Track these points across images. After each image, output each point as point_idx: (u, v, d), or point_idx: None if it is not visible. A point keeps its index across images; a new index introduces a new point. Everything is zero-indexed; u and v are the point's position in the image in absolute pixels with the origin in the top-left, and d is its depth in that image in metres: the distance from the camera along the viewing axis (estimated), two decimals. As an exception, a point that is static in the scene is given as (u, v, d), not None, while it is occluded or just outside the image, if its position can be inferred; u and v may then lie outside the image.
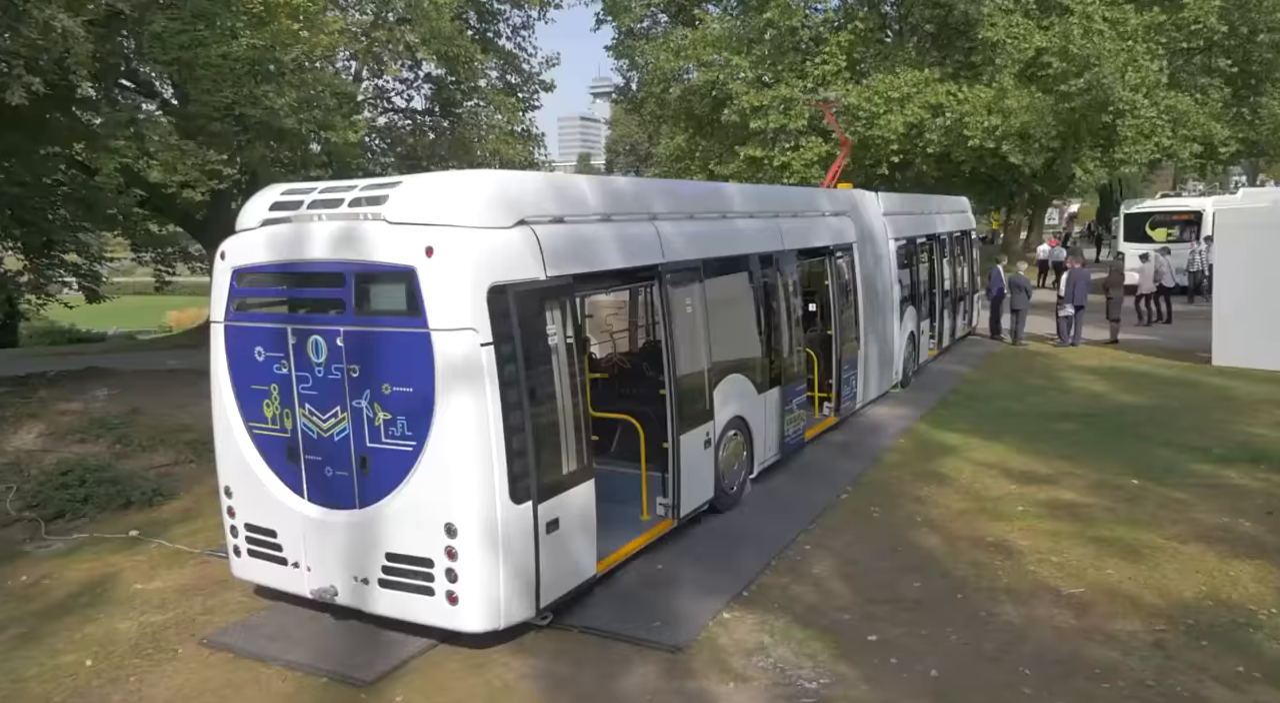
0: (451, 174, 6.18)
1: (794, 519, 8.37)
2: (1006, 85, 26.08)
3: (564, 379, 6.14)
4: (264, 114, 14.68)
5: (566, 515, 6.11)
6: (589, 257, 6.63)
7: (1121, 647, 5.84)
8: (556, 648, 6.10)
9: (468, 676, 5.76)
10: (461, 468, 5.55)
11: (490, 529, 5.61)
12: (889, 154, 27.73)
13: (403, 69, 22.84)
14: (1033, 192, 39.43)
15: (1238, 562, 7.09)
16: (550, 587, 6.03)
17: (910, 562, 7.36)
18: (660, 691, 5.53)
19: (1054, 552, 7.44)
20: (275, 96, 14.08)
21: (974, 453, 10.45)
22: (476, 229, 5.63)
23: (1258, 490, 8.80)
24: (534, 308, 5.93)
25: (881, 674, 5.64)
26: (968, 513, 8.44)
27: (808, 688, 5.50)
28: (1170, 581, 6.80)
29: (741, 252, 9.03)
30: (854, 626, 6.29)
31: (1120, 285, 18.89)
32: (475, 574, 5.63)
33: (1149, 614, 6.27)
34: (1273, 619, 6.12)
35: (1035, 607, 6.46)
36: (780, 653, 5.94)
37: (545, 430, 5.95)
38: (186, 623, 6.66)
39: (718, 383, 8.35)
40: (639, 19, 33.61)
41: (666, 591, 6.91)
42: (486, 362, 5.53)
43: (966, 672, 5.63)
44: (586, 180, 7.08)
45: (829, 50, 28.24)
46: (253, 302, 6.35)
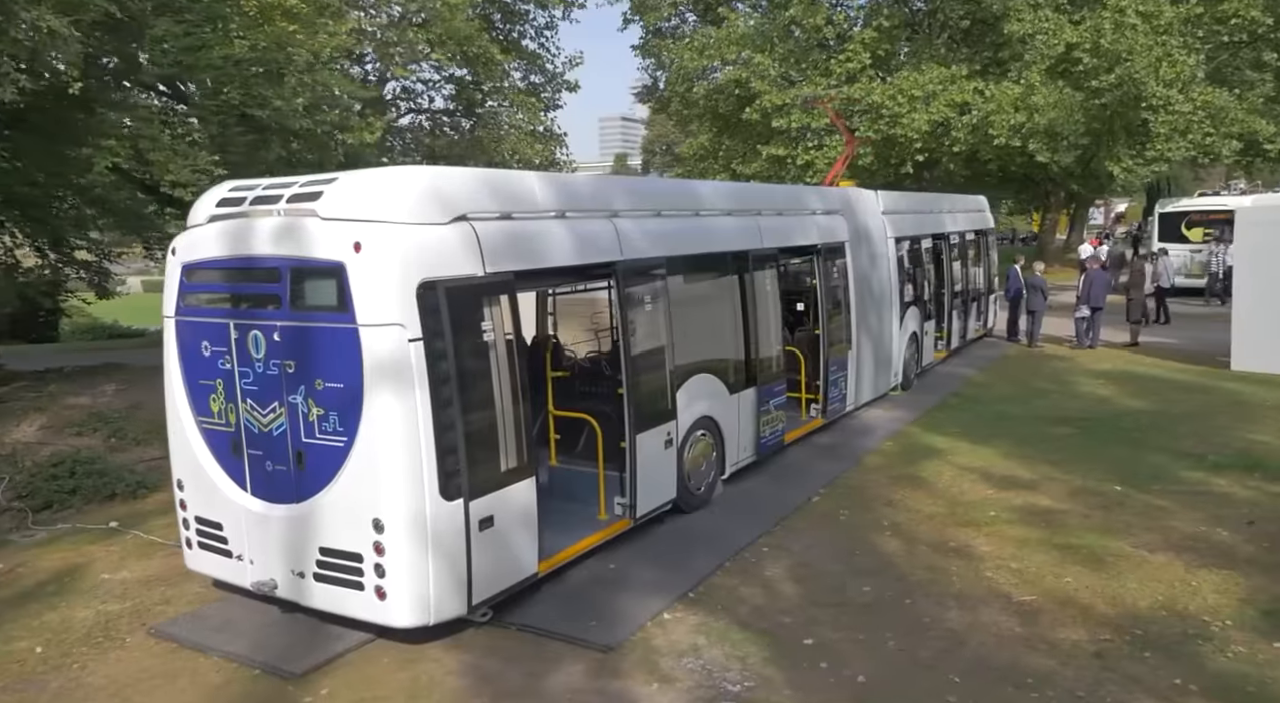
0: (386, 171, 6.21)
1: (758, 521, 8.29)
2: (1034, 82, 25.59)
3: (502, 376, 6.14)
4: (274, 115, 14.91)
5: (502, 513, 6.11)
6: (535, 254, 6.63)
7: (1061, 656, 5.69)
8: (491, 645, 6.11)
9: (398, 671, 5.79)
10: (389, 464, 5.58)
11: (418, 525, 5.63)
12: (913, 153, 27.37)
13: (420, 69, 23.02)
14: (1069, 191, 38.73)
15: (1204, 572, 6.87)
16: (484, 584, 6.04)
17: (866, 566, 7.25)
18: (583, 690, 5.51)
19: (1015, 558, 7.27)
20: (284, 98, 14.30)
21: (959, 456, 10.26)
22: (406, 225, 5.66)
23: (1244, 499, 8.52)
24: (470, 304, 5.94)
25: (808, 679, 5.56)
26: (937, 517, 8.29)
27: (730, 691, 5.44)
28: (1128, 590, 6.61)
29: (713, 250, 8.97)
30: (793, 629, 6.21)
31: (1141, 287, 18.42)
32: (403, 570, 5.65)
33: (1097, 624, 6.10)
34: (1225, 632, 5.92)
35: (982, 614, 6.32)
36: (712, 655, 5.88)
37: (479, 428, 5.96)
38: (141, 613, 6.79)
39: (683, 382, 8.31)
40: (666, 18, 33.61)
41: (613, 590, 6.88)
42: (415, 358, 5.56)
43: (895, 678, 5.53)
44: (539, 178, 7.07)
45: (853, 48, 27.96)
46: (200, 297, 6.45)
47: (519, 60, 27.40)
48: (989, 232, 19.20)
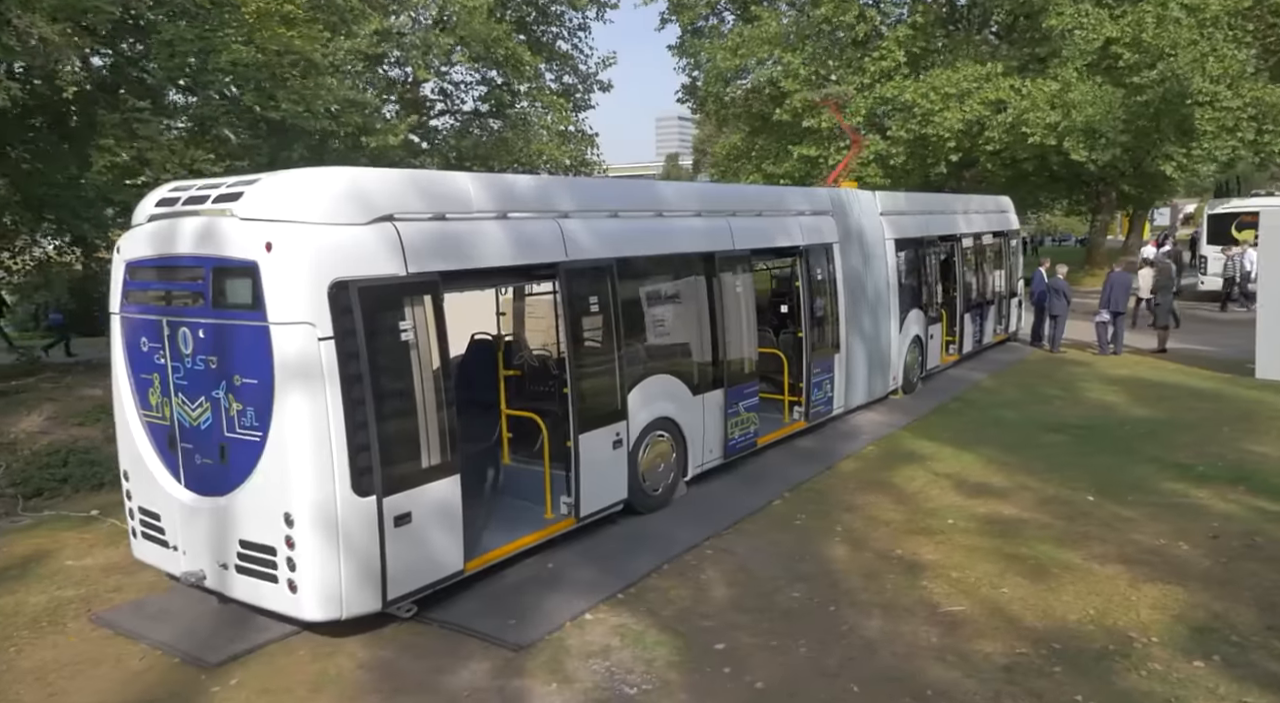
0: (305, 171, 6.31)
1: (711, 523, 8.25)
2: (1070, 78, 24.92)
3: (424, 375, 6.20)
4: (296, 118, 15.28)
5: (421, 510, 6.18)
6: (467, 254, 6.69)
7: (968, 669, 5.56)
8: (410, 640, 6.20)
9: (310, 663, 5.91)
10: (298, 460, 5.69)
11: (328, 520, 5.73)
12: (946, 153, 26.83)
13: (448, 71, 23.29)
14: (1120, 191, 37.60)
15: (1148, 586, 6.64)
16: (401, 580, 6.11)
17: (804, 571, 7.16)
18: (481, 688, 5.56)
19: (959, 567, 7.12)
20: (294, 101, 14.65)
21: (939, 463, 10.07)
22: (319, 225, 5.76)
23: (1218, 512, 8.20)
24: (388, 304, 6.02)
25: (707, 684, 5.52)
26: (893, 524, 8.15)
27: (626, 693, 5.44)
28: (1062, 602, 6.43)
29: (675, 251, 8.94)
30: (710, 633, 6.18)
31: (1169, 290, 17.81)
32: (312, 564, 5.76)
33: (1018, 636, 5.94)
34: (1147, 649, 5.72)
35: (904, 623, 6.20)
36: (620, 657, 5.88)
37: (396, 426, 6.04)
38: (91, 600, 7.04)
39: (637, 383, 8.31)
40: (703, 16, 33.45)
41: (544, 589, 6.92)
42: (326, 356, 5.66)
43: (793, 685, 5.46)
44: (475, 178, 7.12)
45: (886, 45, 27.52)
46: (139, 294, 6.65)
47: (550, 62, 27.63)
48: (1011, 233, 18.75)
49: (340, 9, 19.01)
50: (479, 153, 23.51)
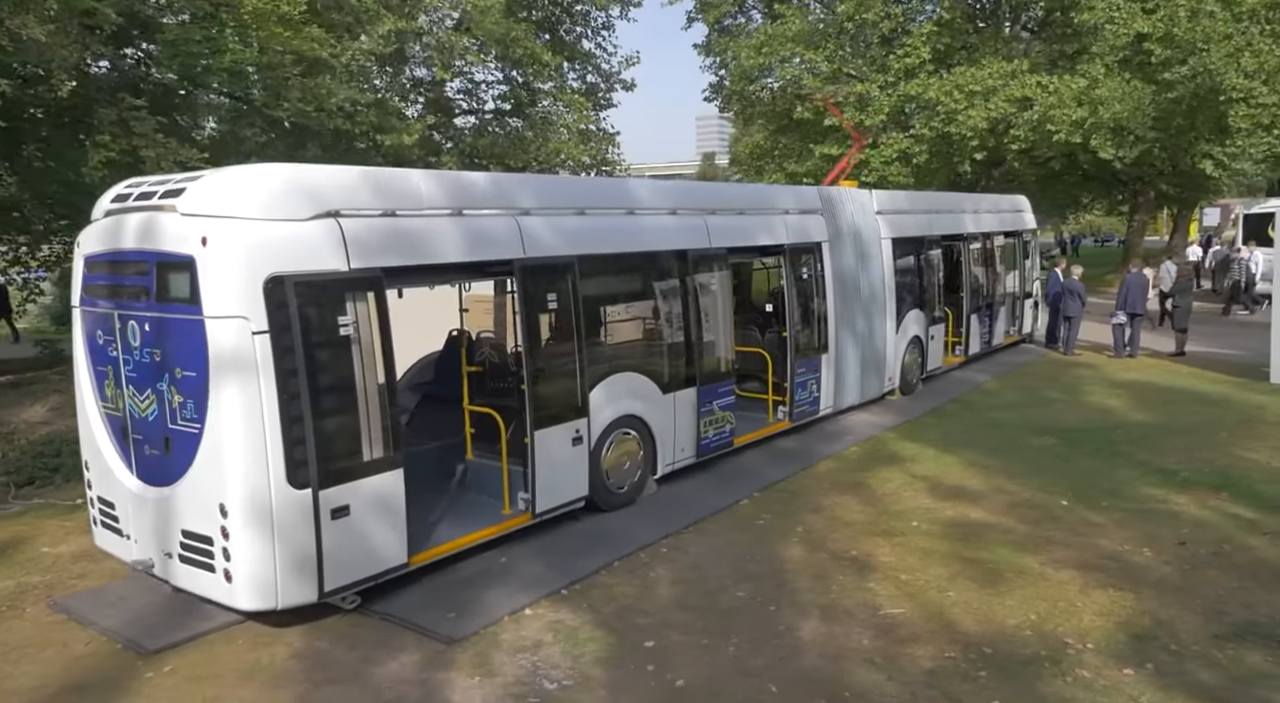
0: (245, 167, 6.41)
1: (672, 522, 8.23)
2: (1097, 74, 24.41)
3: (366, 369, 6.27)
4: (299, 116, 15.52)
5: (360, 503, 6.25)
6: (417, 250, 6.75)
7: (893, 671, 5.48)
8: (348, 631, 6.28)
9: (246, 652, 6.01)
10: (232, 451, 5.79)
11: (261, 512, 5.82)
12: (971, 151, 26.42)
13: (467, 70, 23.43)
14: (1158, 190, 36.79)
15: (1099, 592, 6.49)
16: (338, 572, 6.19)
17: (754, 571, 7.12)
18: (405, 680, 5.61)
19: (910, 570, 7.02)
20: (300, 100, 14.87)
21: (919, 465, 9.93)
22: (255, 220, 5.85)
23: (1192, 518, 7.99)
24: (328, 299, 6.09)
25: (627, 681, 5.52)
26: (855, 526, 8.06)
27: (545, 688, 5.45)
28: (1006, 607, 6.31)
29: (645, 249, 8.92)
30: (643, 630, 6.17)
31: (1188, 292, 17.36)
32: (246, 555, 5.86)
33: (951, 640, 5.85)
34: (1079, 655, 5.60)
35: (840, 624, 6.14)
36: (549, 652, 5.90)
37: (334, 419, 6.11)
38: (54, 586, 7.22)
39: (601, 381, 8.32)
40: (730, 14, 33.33)
41: (490, 583, 6.96)
42: (260, 349, 5.75)
43: (712, 684, 5.43)
44: (428, 175, 7.19)
45: (911, 43, 27.18)
46: (94, 288, 6.80)
47: (573, 61, 27.70)
48: (1026, 232, 18.40)
49: (355, 9, 19.25)
50: (495, 152, 23.62)
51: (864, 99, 27.31)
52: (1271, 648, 5.62)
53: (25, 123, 12.81)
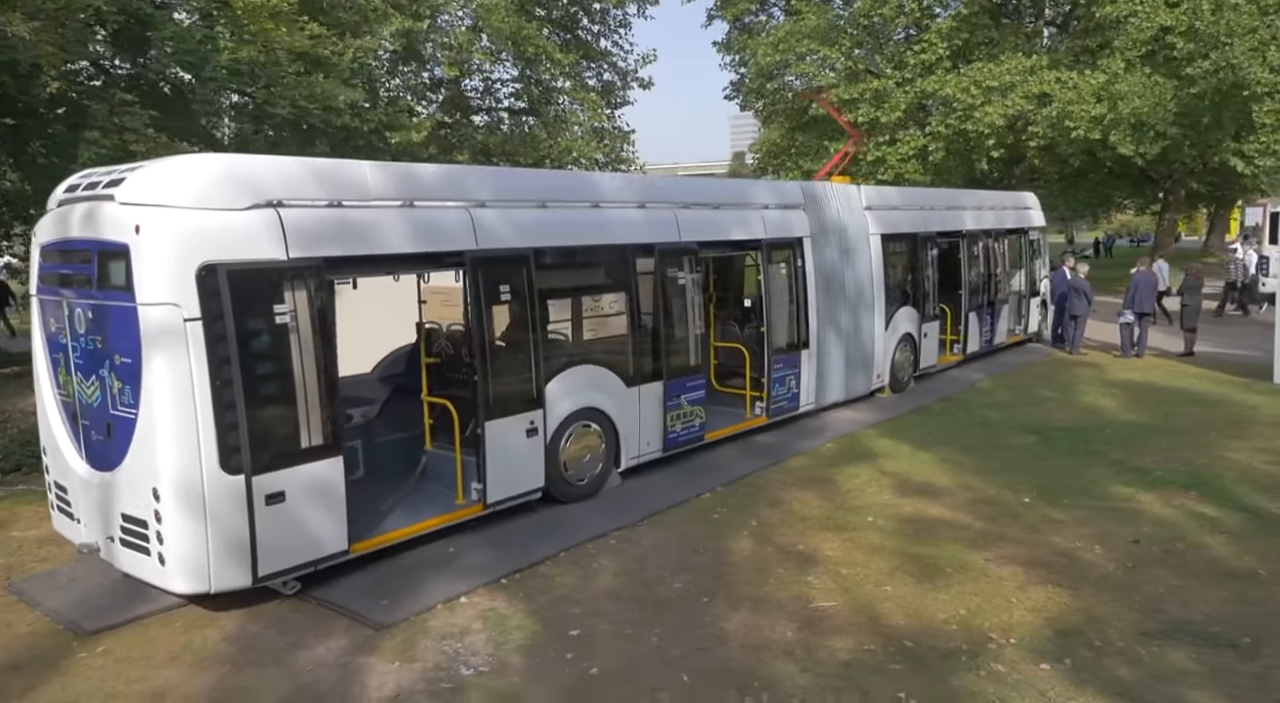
0: (182, 158, 6.52)
1: (629, 514, 8.25)
2: (1117, 69, 24.00)
3: (304, 357, 6.34)
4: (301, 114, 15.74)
5: (296, 490, 6.33)
6: (361, 240, 6.83)
7: (809, 663, 5.46)
8: (284, 616, 6.37)
9: (180, 634, 6.12)
10: (164, 437, 5.90)
11: (193, 496, 5.92)
12: (988, 149, 26.10)
13: (470, 68, 23.57)
14: (1189, 189, 36.09)
15: (1037, 588, 6.40)
16: (273, 558, 6.27)
17: (697, 563, 7.11)
18: (327, 664, 5.68)
19: (853, 564, 6.97)
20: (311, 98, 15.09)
21: (891, 462, 9.84)
22: (189, 209, 5.95)
23: (1154, 517, 7.85)
24: (265, 287, 6.18)
25: (544, 668, 5.55)
26: (810, 520, 8.02)
27: (461, 674, 5.50)
28: (939, 602, 6.25)
29: (608, 242, 8.92)
30: (573, 619, 6.19)
31: (1197, 291, 16.99)
32: (178, 538, 5.97)
33: (874, 634, 5.80)
34: (1000, 650, 5.53)
35: (769, 617, 6.11)
36: (474, 640, 5.94)
37: (269, 406, 6.20)
38: (14, 569, 7.40)
39: (558, 373, 8.35)
40: (750, 11, 33.26)
41: (433, 571, 7.02)
42: (192, 336, 5.85)
43: (626, 673, 5.44)
44: (375, 166, 7.25)
45: (929, 38, 26.92)
46: (48, 276, 6.96)
47: (588, 60, 27.78)
48: (1031, 229, 18.11)
49: (362, 9, 19.49)
50: (505, 149, 23.78)
51: (880, 95, 27.09)
52: (1198, 646, 5.50)
53: (29, 120, 13.17)
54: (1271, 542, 7.19)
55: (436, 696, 5.24)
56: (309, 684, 5.42)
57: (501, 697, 5.20)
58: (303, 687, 5.39)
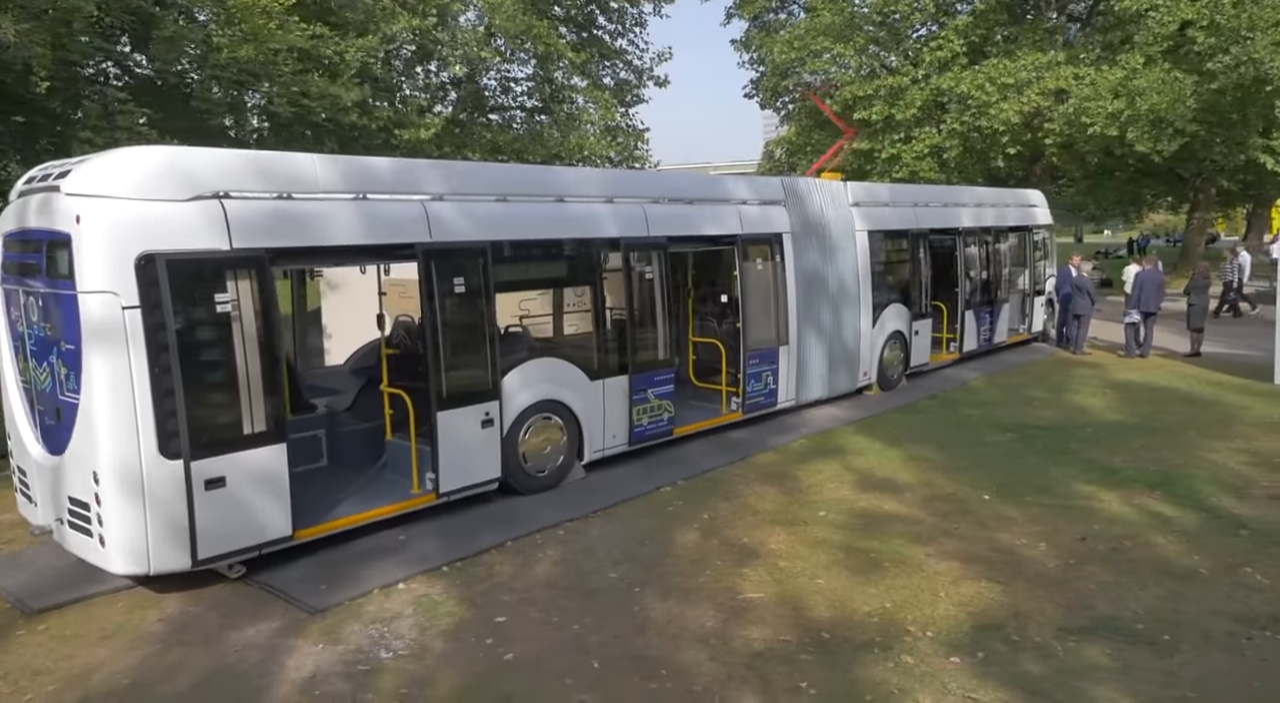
0: (124, 151, 6.66)
1: (584, 506, 8.31)
2: (1135, 65, 23.58)
3: (246, 346, 6.48)
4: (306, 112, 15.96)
5: (237, 475, 6.46)
6: (308, 232, 6.95)
7: (721, 653, 5.48)
8: (225, 599, 6.52)
9: (121, 614, 6.29)
10: (102, 422, 6.06)
11: (131, 480, 6.08)
12: (1003, 146, 25.76)
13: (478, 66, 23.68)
14: (1220, 187, 35.34)
15: (969, 583, 6.36)
16: (213, 542, 6.41)
17: (639, 554, 7.16)
18: (254, 644, 5.81)
19: (792, 557, 6.97)
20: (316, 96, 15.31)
21: (859, 459, 9.80)
22: (127, 200, 6.11)
23: (1109, 515, 7.75)
24: (206, 277, 6.32)
25: (461, 652, 5.62)
26: (762, 514, 8.02)
27: (379, 657, 5.59)
28: (867, 595, 6.23)
29: (571, 235, 8.97)
30: (503, 607, 6.27)
31: (1204, 290, 16.67)
32: (117, 520, 6.13)
33: (793, 625, 5.81)
34: (915, 643, 5.51)
35: (693, 608, 6.14)
36: (401, 625, 6.03)
37: (209, 393, 6.34)
38: (-18, 550, 7.62)
39: (517, 365, 8.44)
40: (771, 9, 33.13)
41: (378, 558, 7.13)
42: (130, 324, 6.01)
43: (540, 659, 5.50)
44: (323, 159, 7.36)
45: (945, 34, 26.64)
46: (9, 266, 7.16)
47: (604, 58, 27.84)
48: (1036, 228, 17.88)
49: (369, 8, 19.72)
50: (515, 147, 23.92)
51: (895, 92, 26.86)
52: (1117, 643, 5.44)
53: (40, 117, 13.51)
54: (1222, 542, 7.07)
55: (350, 677, 5.34)
56: (231, 664, 5.55)
57: (412, 680, 5.28)
58: (224, 666, 5.52)
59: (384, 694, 5.12)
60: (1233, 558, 6.71)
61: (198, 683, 5.33)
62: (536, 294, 8.97)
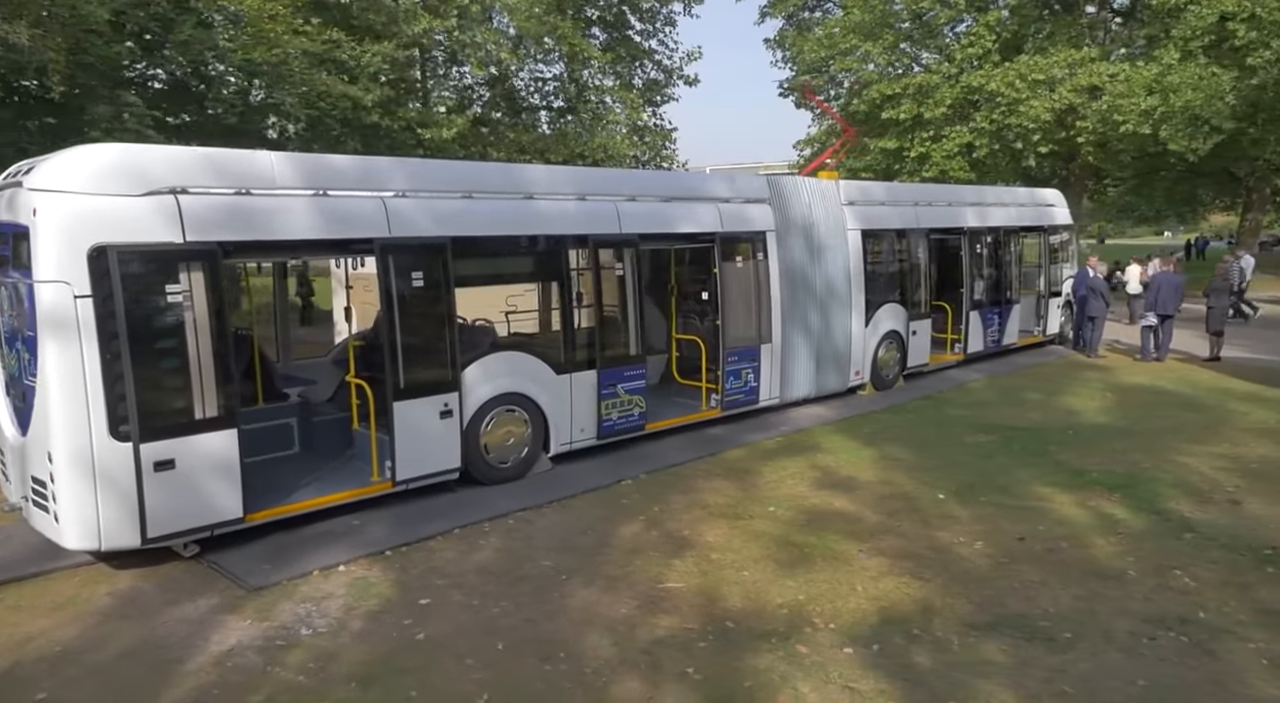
0: (81, 148, 6.98)
1: (539, 496, 8.49)
2: (1171, 61, 23.02)
3: (198, 335, 6.78)
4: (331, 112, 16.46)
5: (187, 459, 6.76)
6: (263, 227, 7.22)
7: (624, 638, 5.61)
8: (175, 576, 6.83)
9: (75, 588, 6.63)
10: (56, 405, 6.40)
11: (82, 461, 6.42)
12: (1034, 144, 25.32)
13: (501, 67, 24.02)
14: (1274, 186, 34.32)
15: (891, 579, 6.39)
16: (163, 521, 6.72)
17: (577, 544, 7.31)
18: (187, 619, 6.09)
19: (725, 550, 7.06)
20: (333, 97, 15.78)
21: (828, 457, 9.81)
22: (81, 195, 6.44)
23: (1058, 517, 7.69)
24: (159, 268, 6.63)
25: (377, 631, 5.83)
26: (710, 508, 8.11)
27: (299, 634, 5.82)
28: (786, 588, 6.29)
29: (537, 232, 9.13)
30: (430, 589, 6.46)
31: (1224, 292, 16.24)
32: (70, 499, 6.47)
33: (702, 614, 5.91)
34: (814, 634, 5.57)
35: (614, 595, 6.27)
36: (330, 604, 6.27)
37: (158, 379, 6.65)
38: (-31, 526, 8.05)
39: (478, 358, 8.63)
40: (802, 7, 33.02)
41: (328, 542, 7.39)
42: (82, 312, 6.34)
43: (450, 639, 5.68)
44: (281, 157, 7.61)
45: (976, 31, 26.29)
46: (-10, 257, 7.57)
47: (632, 59, 28.01)
48: (1052, 228, 17.56)
49: (391, 10, 20.17)
50: (539, 146, 24.21)
51: (925, 90, 26.58)
52: (1016, 640, 5.44)
53: (67, 117, 14.14)
54: (1162, 544, 6.97)
55: (265, 652, 5.58)
56: (160, 637, 5.83)
57: (320, 655, 5.50)
58: (153, 638, 5.80)
59: (289, 668, 5.35)
60: (1166, 561, 6.63)
61: (123, 653, 5.62)
62: (502, 289, 9.15)
